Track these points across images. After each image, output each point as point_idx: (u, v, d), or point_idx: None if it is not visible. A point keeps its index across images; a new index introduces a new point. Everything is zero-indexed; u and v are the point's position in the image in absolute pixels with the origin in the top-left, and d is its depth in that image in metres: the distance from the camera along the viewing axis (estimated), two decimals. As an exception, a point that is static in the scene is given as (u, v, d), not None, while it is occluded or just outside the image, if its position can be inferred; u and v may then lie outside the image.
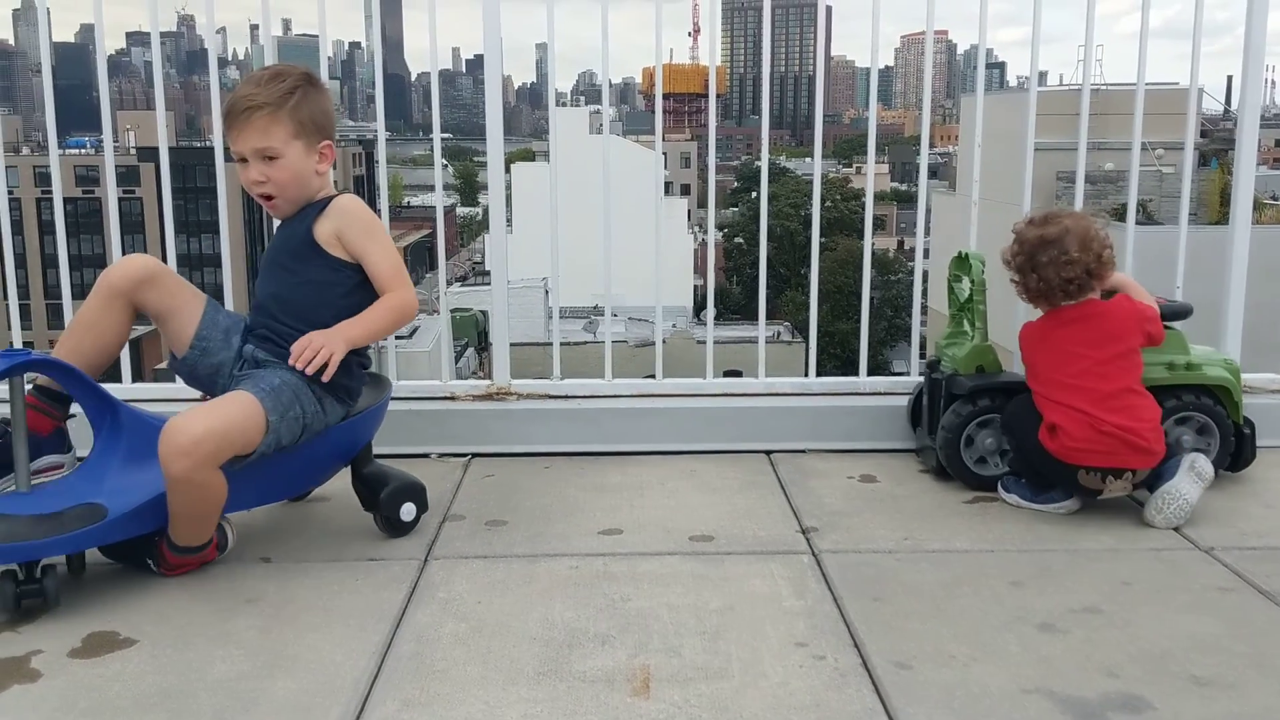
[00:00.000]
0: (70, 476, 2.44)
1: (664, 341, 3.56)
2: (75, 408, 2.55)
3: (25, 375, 2.34)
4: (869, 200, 3.60)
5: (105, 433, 2.44)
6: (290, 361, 2.41)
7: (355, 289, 2.57)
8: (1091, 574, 2.49)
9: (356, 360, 2.60)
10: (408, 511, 2.71)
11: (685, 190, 55.55)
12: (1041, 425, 2.85)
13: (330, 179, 2.65)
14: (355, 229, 2.56)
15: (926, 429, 3.19)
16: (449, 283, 3.69)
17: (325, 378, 2.42)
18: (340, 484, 2.77)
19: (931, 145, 3.75)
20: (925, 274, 4.13)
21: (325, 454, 2.64)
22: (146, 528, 2.38)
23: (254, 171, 2.51)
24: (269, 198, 2.55)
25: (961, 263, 3.20)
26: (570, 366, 3.54)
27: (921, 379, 3.29)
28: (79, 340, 2.51)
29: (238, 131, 2.51)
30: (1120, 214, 3.45)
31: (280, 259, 2.61)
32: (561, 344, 3.56)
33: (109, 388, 3.35)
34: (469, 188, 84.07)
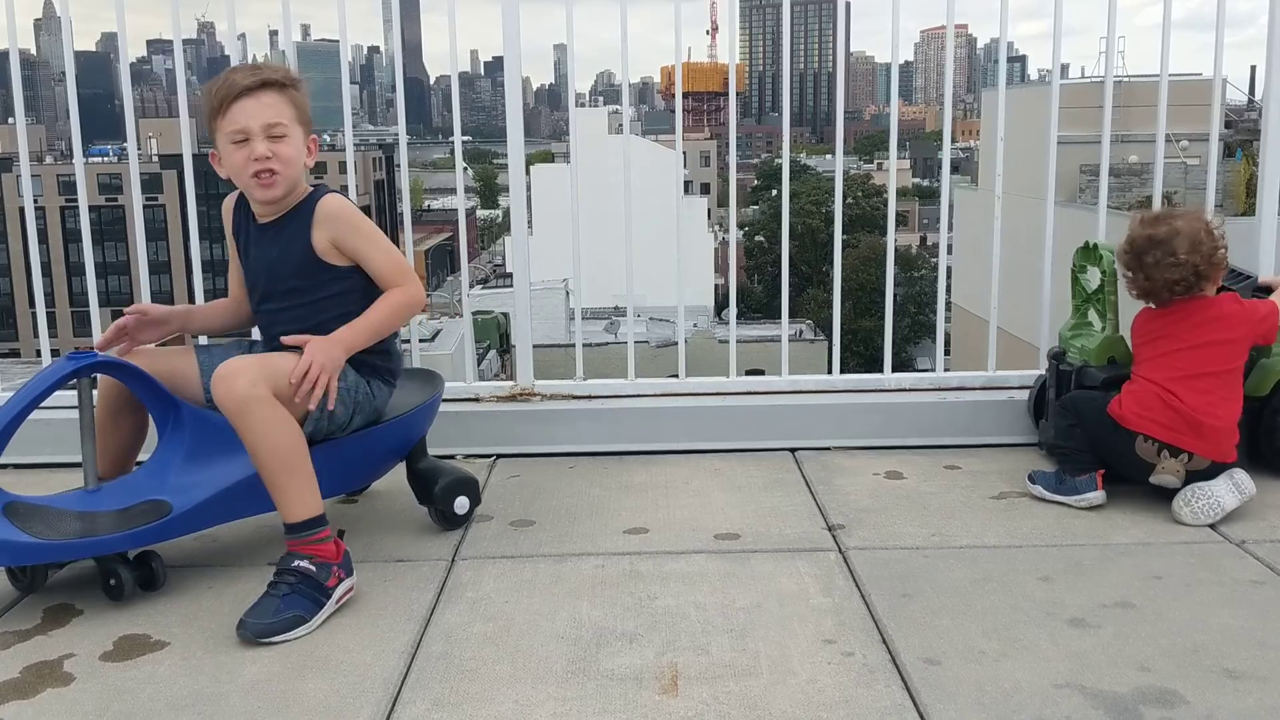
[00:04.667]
0: (136, 474, 2.49)
1: (686, 341, 3.56)
2: None
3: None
4: (891, 196, 3.58)
5: (169, 432, 2.49)
6: (294, 397, 2.35)
7: (366, 290, 2.55)
8: (1122, 568, 2.48)
9: (383, 346, 2.60)
10: (461, 505, 2.77)
11: (705, 189, 55.48)
12: (1114, 399, 2.86)
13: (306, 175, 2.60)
14: (348, 233, 2.53)
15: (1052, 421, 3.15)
16: (470, 285, 3.69)
17: (330, 405, 2.39)
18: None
19: (953, 140, 3.74)
20: (949, 270, 4.11)
21: (381, 449, 2.70)
22: (209, 523, 2.46)
23: (260, 147, 2.44)
24: (271, 174, 2.46)
25: (1088, 253, 3.19)
26: (592, 368, 3.54)
27: (1038, 375, 3.27)
28: (103, 447, 2.50)
29: (242, 106, 2.44)
30: (1145, 206, 3.43)
31: (285, 279, 2.56)
32: (584, 345, 3.56)
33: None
34: (489, 190, 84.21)
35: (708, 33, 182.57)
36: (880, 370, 3.54)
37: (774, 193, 56.67)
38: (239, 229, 2.65)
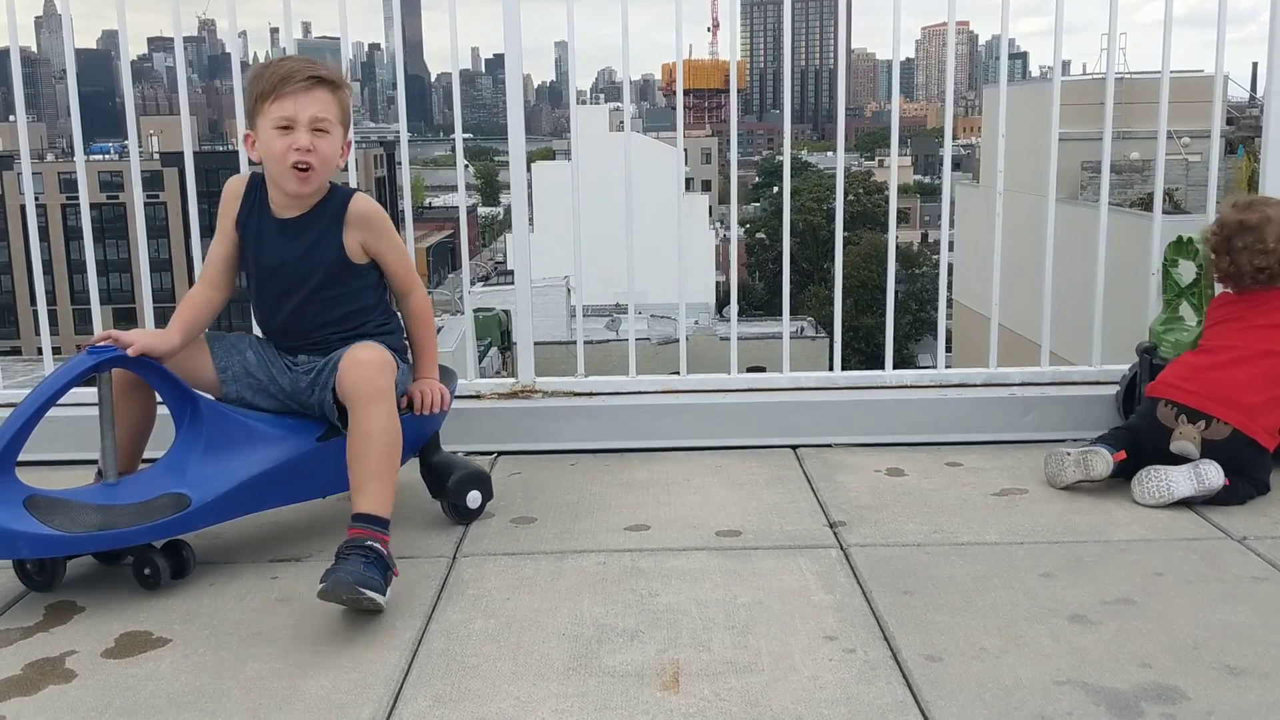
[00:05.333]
0: (154, 468, 2.50)
1: (687, 338, 3.56)
2: None
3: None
4: (893, 193, 3.58)
5: (186, 426, 2.50)
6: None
7: (379, 283, 2.67)
8: (1123, 565, 2.48)
9: (400, 342, 2.72)
10: (474, 499, 2.80)
11: (706, 186, 55.45)
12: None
13: None
14: (377, 236, 2.60)
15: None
16: (471, 282, 3.69)
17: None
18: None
19: (955, 137, 3.74)
20: (950, 267, 4.11)
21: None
22: (228, 516, 2.48)
23: (304, 138, 2.46)
24: (307, 168, 2.49)
25: (1182, 247, 3.21)
26: (593, 365, 3.54)
27: (1130, 367, 3.28)
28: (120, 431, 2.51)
29: (294, 97, 2.46)
30: (1147, 203, 3.41)
31: (311, 277, 2.58)
32: (585, 342, 3.56)
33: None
34: (490, 188, 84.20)
35: (709, 30, 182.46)
36: (882, 367, 3.54)
37: (775, 190, 56.64)
38: (245, 219, 2.62)
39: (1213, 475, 2.77)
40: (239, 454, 2.48)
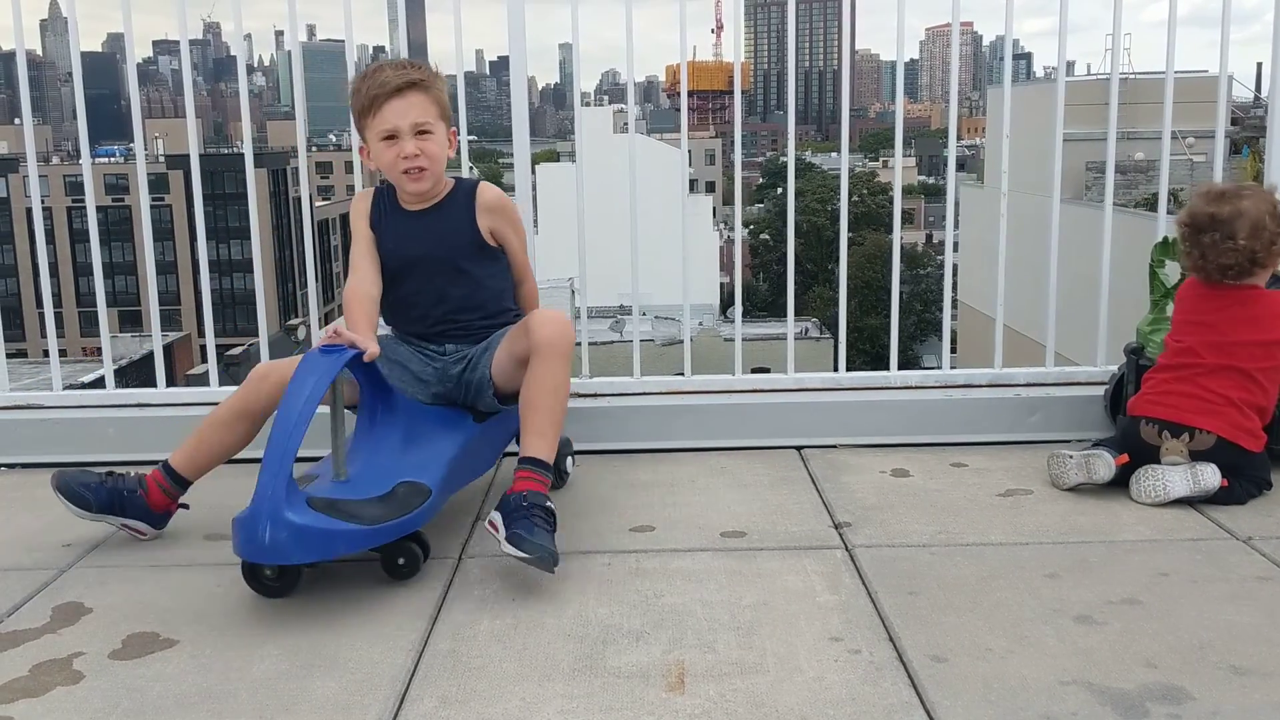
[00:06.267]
0: (364, 463, 2.47)
1: (691, 339, 3.56)
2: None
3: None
4: (897, 194, 3.58)
5: (380, 417, 2.57)
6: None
7: (509, 268, 2.84)
8: (1129, 565, 2.48)
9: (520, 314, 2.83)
10: (569, 464, 3.11)
11: (710, 187, 55.48)
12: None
13: None
14: (506, 222, 2.80)
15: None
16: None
17: None
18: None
19: (959, 138, 3.74)
20: (955, 267, 4.11)
21: (501, 432, 2.88)
22: (453, 489, 2.61)
23: (409, 145, 2.62)
24: (420, 170, 2.65)
25: (1167, 248, 3.17)
26: (597, 366, 3.54)
27: (1117, 368, 3.27)
28: (220, 442, 2.63)
29: (391, 107, 2.60)
30: (1151, 204, 3.41)
31: (452, 260, 2.74)
32: (589, 344, 3.56)
33: (144, 393, 3.40)
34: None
35: (713, 31, 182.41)
36: (886, 368, 3.54)
37: (779, 190, 56.59)
38: (378, 220, 2.78)
39: (1209, 476, 2.77)
40: (436, 440, 2.60)
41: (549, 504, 2.42)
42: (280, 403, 2.32)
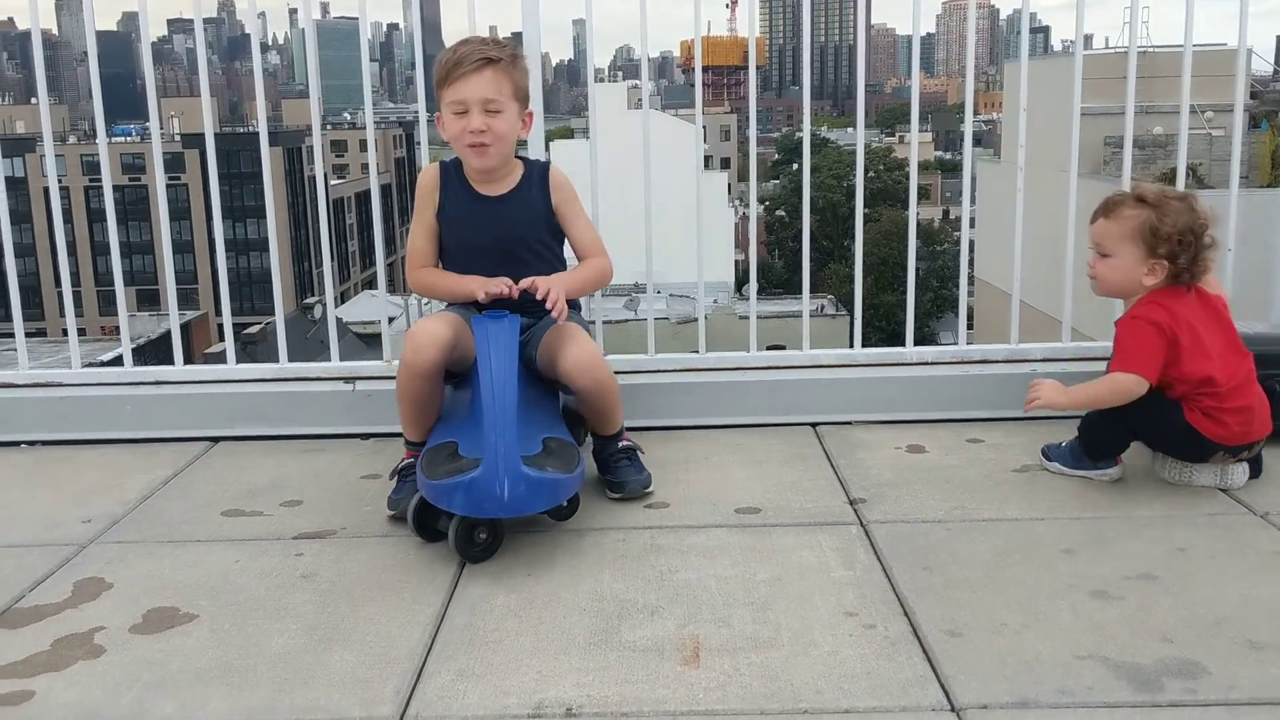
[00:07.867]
0: (488, 426, 2.42)
1: (706, 317, 3.55)
2: None
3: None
4: (913, 170, 3.56)
5: (489, 379, 2.57)
6: (553, 310, 2.66)
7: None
8: (1145, 540, 2.48)
9: (575, 301, 2.97)
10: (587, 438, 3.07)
11: (725, 164, 55.23)
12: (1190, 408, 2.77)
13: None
14: (569, 201, 2.87)
15: None
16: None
17: (562, 319, 2.69)
18: (385, 463, 2.81)
19: (975, 113, 3.71)
20: (971, 243, 4.09)
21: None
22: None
23: (476, 120, 2.67)
24: (484, 146, 2.70)
25: None
26: (612, 344, 3.54)
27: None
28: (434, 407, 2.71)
29: (465, 81, 2.66)
30: (1170, 178, 3.38)
31: (531, 238, 2.82)
32: (604, 322, 3.56)
33: (162, 371, 3.42)
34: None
35: (727, 6, 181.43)
36: (902, 344, 3.53)
37: (794, 167, 56.40)
38: (446, 205, 2.84)
39: (1238, 475, 2.76)
40: (544, 405, 2.73)
41: (627, 444, 2.83)
42: (478, 370, 2.48)
